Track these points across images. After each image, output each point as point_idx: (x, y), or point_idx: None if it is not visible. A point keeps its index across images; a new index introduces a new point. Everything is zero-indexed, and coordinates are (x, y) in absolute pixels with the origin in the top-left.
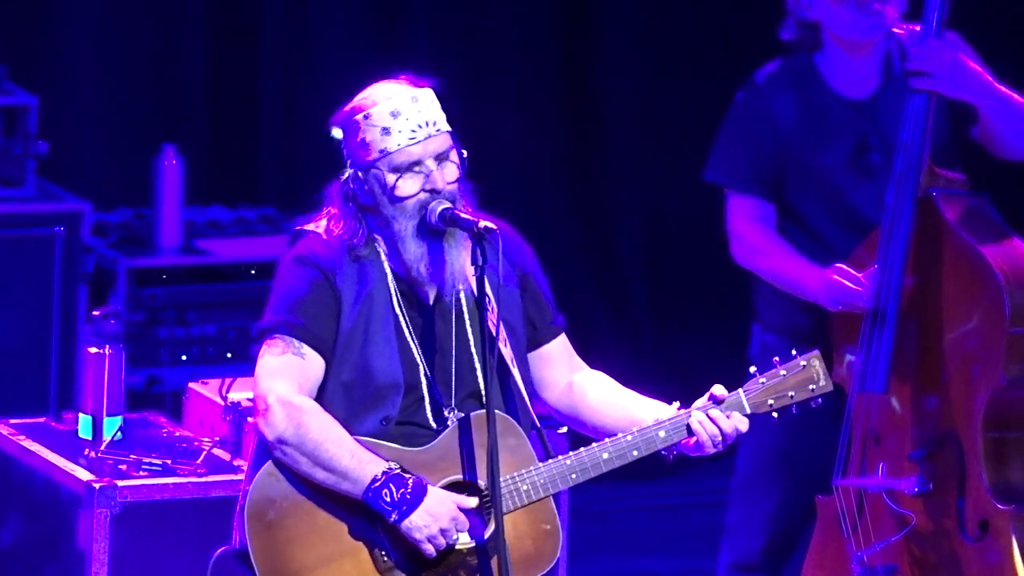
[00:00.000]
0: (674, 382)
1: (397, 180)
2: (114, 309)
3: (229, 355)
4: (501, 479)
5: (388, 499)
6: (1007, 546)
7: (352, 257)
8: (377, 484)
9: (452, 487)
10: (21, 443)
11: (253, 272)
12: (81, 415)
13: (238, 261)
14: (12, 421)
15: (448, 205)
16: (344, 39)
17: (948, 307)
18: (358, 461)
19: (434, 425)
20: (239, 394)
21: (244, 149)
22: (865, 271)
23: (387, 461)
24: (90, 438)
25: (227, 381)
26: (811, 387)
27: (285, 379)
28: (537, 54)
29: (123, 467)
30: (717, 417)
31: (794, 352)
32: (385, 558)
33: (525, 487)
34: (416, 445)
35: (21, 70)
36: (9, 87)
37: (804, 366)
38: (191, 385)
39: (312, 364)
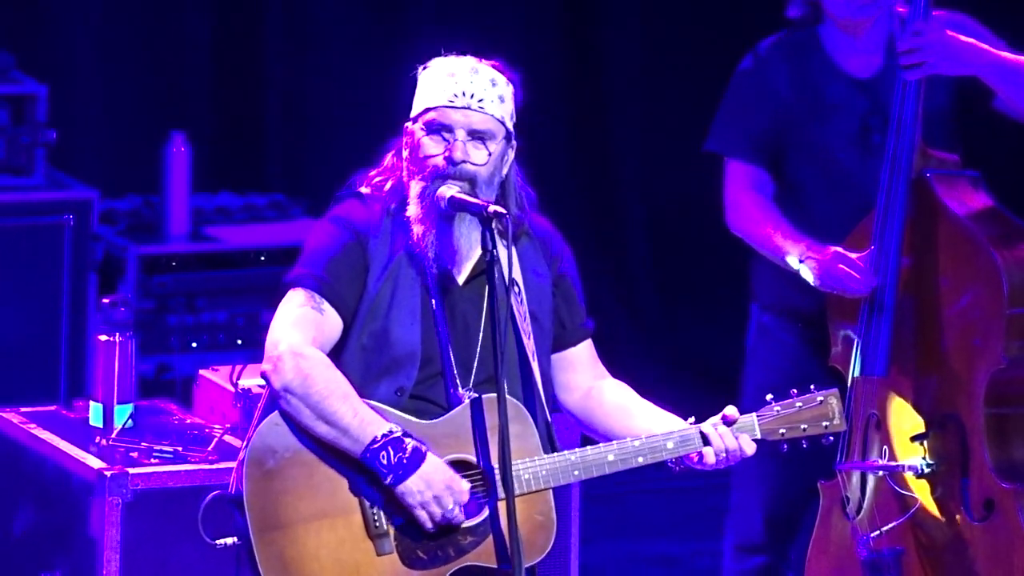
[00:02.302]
0: (684, 368)
1: (424, 137)
2: (124, 297)
3: (239, 342)
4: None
5: (385, 461)
6: (1012, 525)
7: (389, 221)
8: (376, 445)
9: (453, 465)
10: (32, 431)
11: (262, 259)
12: (92, 403)
13: (247, 248)
14: (23, 409)
15: (456, 191)
16: (349, 23)
17: (946, 289)
18: (360, 420)
19: (448, 403)
20: (250, 381)
21: (252, 135)
22: (862, 253)
23: (389, 422)
24: (101, 426)
25: (237, 368)
26: (824, 423)
27: (300, 330)
28: (541, 41)
29: (134, 455)
30: (724, 434)
31: (812, 387)
32: (378, 523)
33: (526, 476)
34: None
35: (29, 59)
36: (17, 76)
37: (821, 401)
38: (201, 372)
39: (330, 321)
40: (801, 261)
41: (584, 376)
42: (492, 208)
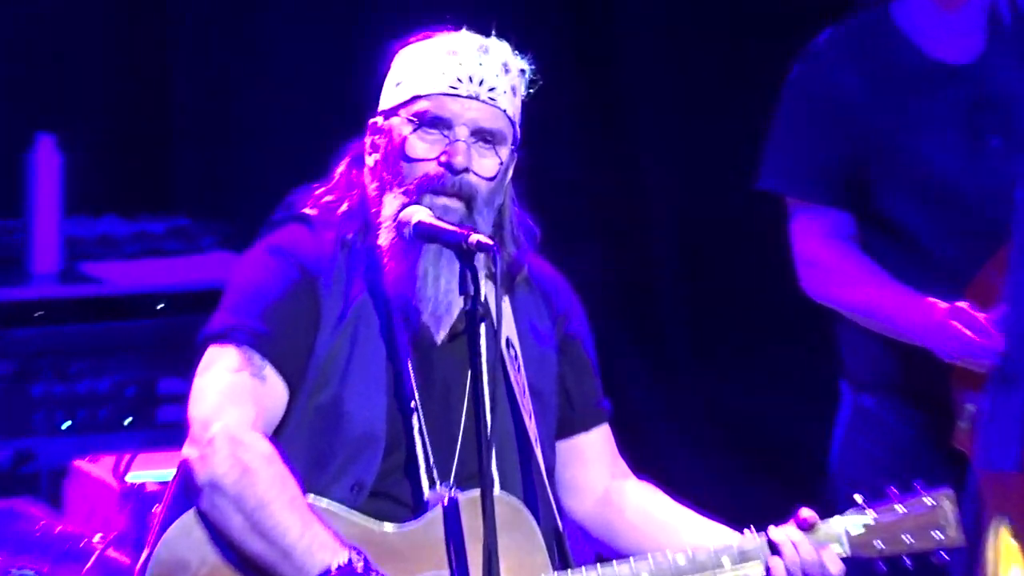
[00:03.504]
0: (734, 454)
1: (413, 132)
2: None
3: (128, 421)
4: None
5: None
6: None
7: (345, 255)
8: None
9: None
10: None
11: (161, 307)
12: None
13: (140, 291)
14: None
15: (425, 215)
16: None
17: None
18: (310, 540)
19: (422, 503)
20: (141, 474)
21: (147, 139)
22: (992, 308)
23: (347, 548)
24: None
25: (125, 457)
26: (935, 534)
27: (238, 405)
28: (550, 48)
29: None
30: (801, 544)
31: (917, 485)
32: None
33: None
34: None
35: None
36: None
37: (931, 506)
38: (76, 463)
39: (273, 392)
40: (924, 326)
41: (598, 473)
42: (474, 238)
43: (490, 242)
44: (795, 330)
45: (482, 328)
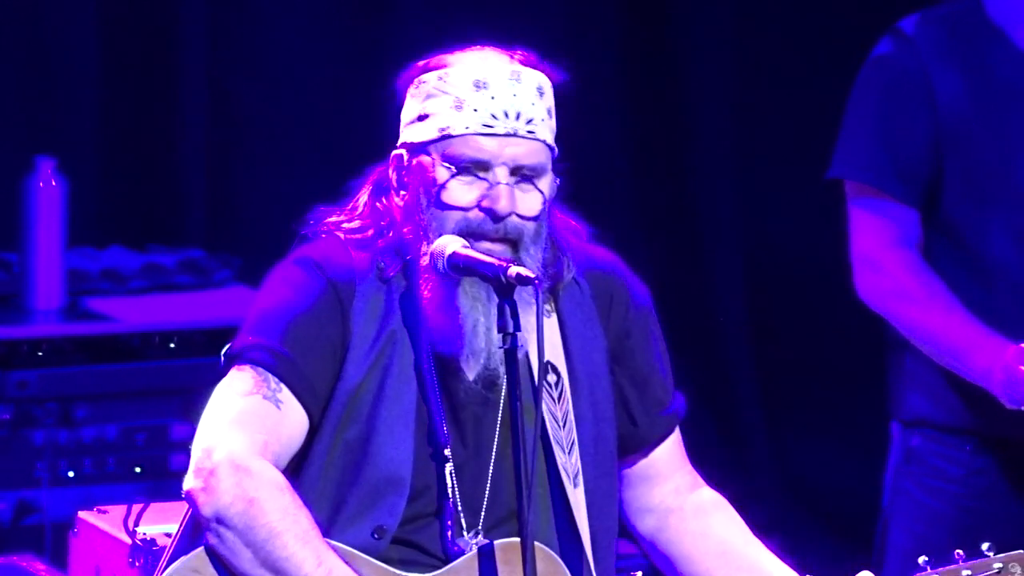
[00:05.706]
0: (798, 506)
1: (450, 179)
2: None
3: (138, 470)
4: None
5: None
6: None
7: (379, 278)
8: None
9: None
10: None
11: (173, 346)
12: None
13: (149, 329)
14: None
15: (459, 246)
16: (308, 18)
17: None
18: (326, 573)
19: (446, 552)
20: (153, 528)
21: (157, 164)
22: None
23: None
24: None
25: (135, 508)
26: None
27: (246, 432)
28: (598, 43)
29: None
30: None
31: (985, 546)
32: None
33: None
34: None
35: None
36: None
37: (999, 570)
38: (82, 515)
39: (289, 420)
40: (988, 367)
41: (666, 488)
42: (514, 271)
43: (531, 275)
44: (875, 375)
45: (517, 365)
